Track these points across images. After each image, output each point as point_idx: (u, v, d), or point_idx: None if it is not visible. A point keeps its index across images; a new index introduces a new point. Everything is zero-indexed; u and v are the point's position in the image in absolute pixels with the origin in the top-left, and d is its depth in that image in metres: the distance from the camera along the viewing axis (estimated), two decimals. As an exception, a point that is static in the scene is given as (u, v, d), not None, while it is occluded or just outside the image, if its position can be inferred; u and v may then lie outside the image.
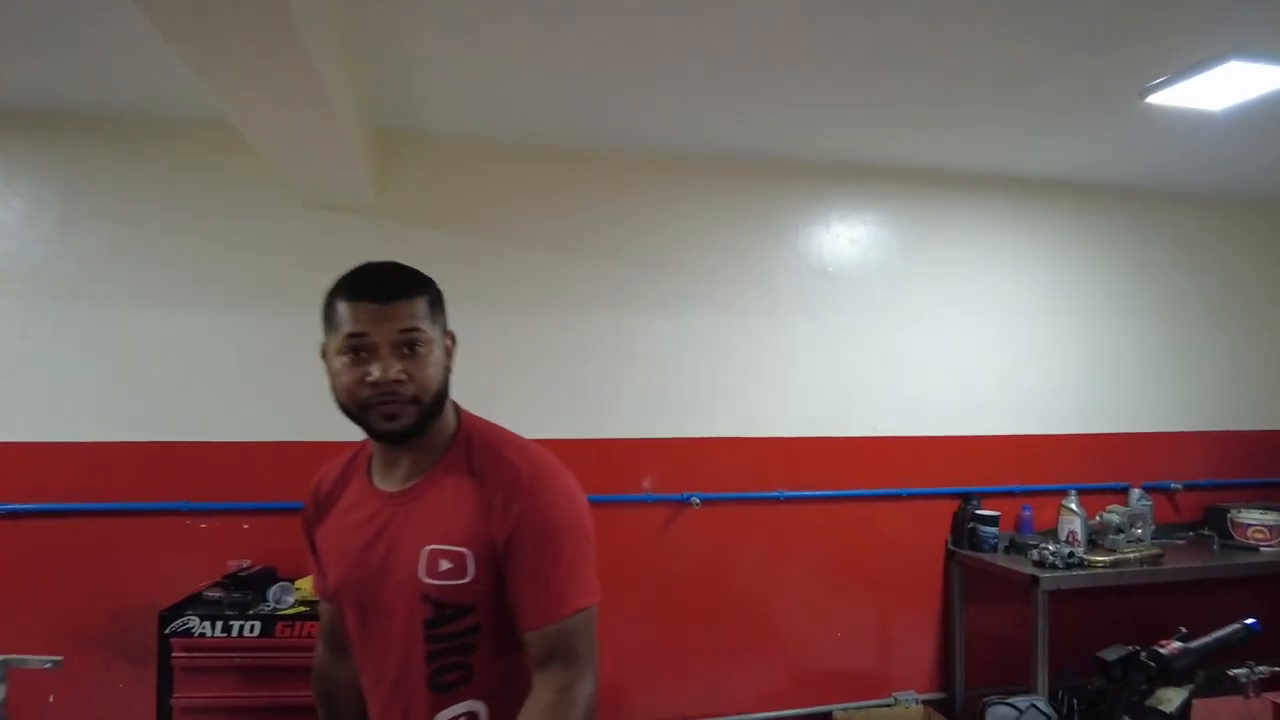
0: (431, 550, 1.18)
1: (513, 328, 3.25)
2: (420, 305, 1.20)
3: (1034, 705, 1.67)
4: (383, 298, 1.16)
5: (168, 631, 2.53)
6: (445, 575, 1.17)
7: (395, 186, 3.15)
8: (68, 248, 2.93)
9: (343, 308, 1.17)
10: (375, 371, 1.15)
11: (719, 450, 3.42)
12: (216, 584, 2.77)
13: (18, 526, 2.86)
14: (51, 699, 2.87)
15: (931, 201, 3.72)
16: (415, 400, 1.17)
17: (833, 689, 3.52)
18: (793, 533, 3.50)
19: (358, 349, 1.16)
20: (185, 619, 2.53)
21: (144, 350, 2.95)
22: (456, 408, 1.30)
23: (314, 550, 1.35)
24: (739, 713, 3.42)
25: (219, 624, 2.52)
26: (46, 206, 2.92)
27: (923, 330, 3.69)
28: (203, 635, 2.52)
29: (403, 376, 1.15)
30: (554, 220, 3.32)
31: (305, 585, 2.72)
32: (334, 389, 1.19)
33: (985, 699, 1.80)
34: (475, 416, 1.31)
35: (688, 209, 3.45)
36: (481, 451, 1.23)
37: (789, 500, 3.47)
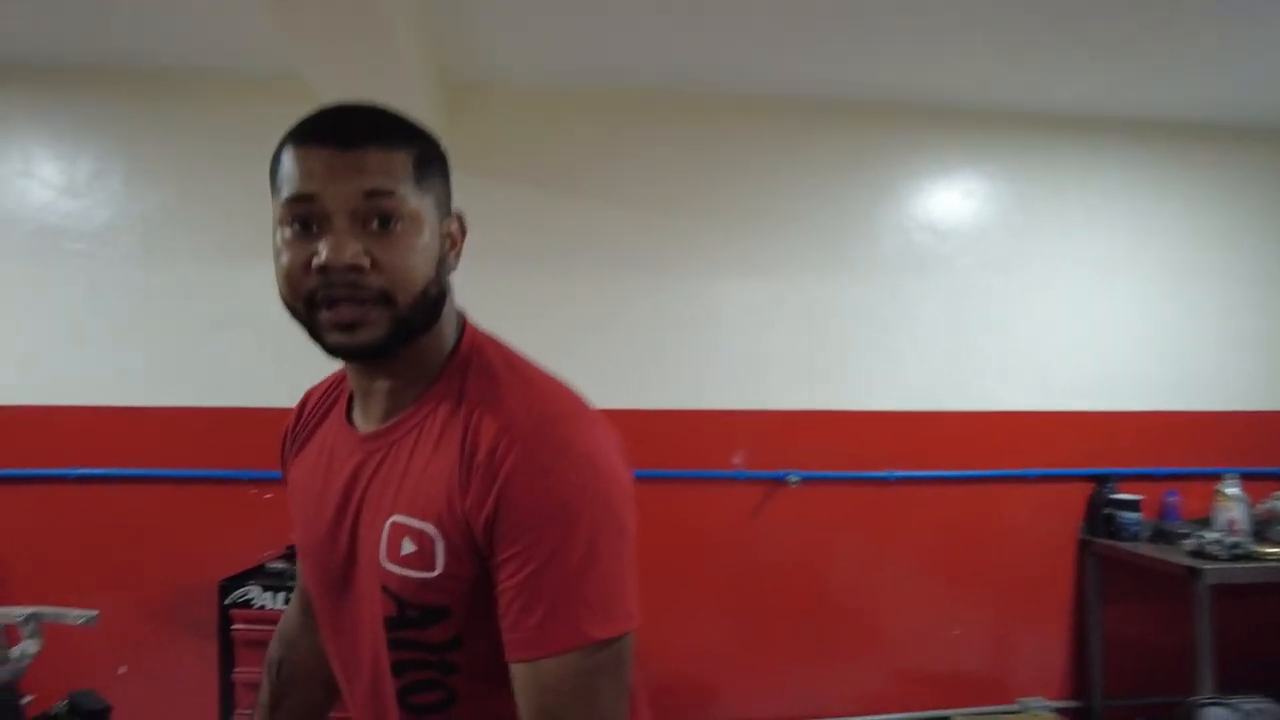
0: (394, 524, 0.82)
1: (592, 289, 3.00)
2: (400, 161, 0.79)
3: (1260, 709, 1.31)
4: (342, 142, 0.77)
5: (228, 602, 2.38)
6: (408, 562, 0.81)
7: (464, 138, 2.95)
8: (134, 206, 2.84)
9: (288, 159, 0.79)
10: (324, 251, 0.76)
11: (819, 424, 3.10)
12: (280, 556, 2.62)
13: (82, 492, 2.77)
14: (122, 670, 2.77)
15: (1058, 148, 3.30)
16: (386, 299, 0.78)
17: (947, 692, 3.15)
18: (903, 517, 3.15)
19: (305, 219, 0.78)
20: (246, 589, 2.38)
21: (210, 311, 2.84)
22: (463, 321, 0.91)
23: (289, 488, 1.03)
24: (840, 715, 3.09)
25: (281, 595, 2.36)
26: (113, 164, 2.84)
27: (1050, 293, 3.28)
28: (263, 607, 2.36)
29: (363, 262, 0.76)
30: (634, 173, 3.06)
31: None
32: (276, 277, 0.82)
33: (1192, 700, 1.45)
34: (486, 335, 0.91)
35: (779, 159, 3.14)
36: (478, 383, 0.84)
37: (899, 481, 3.12)
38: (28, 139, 2.84)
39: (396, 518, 0.82)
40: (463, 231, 0.90)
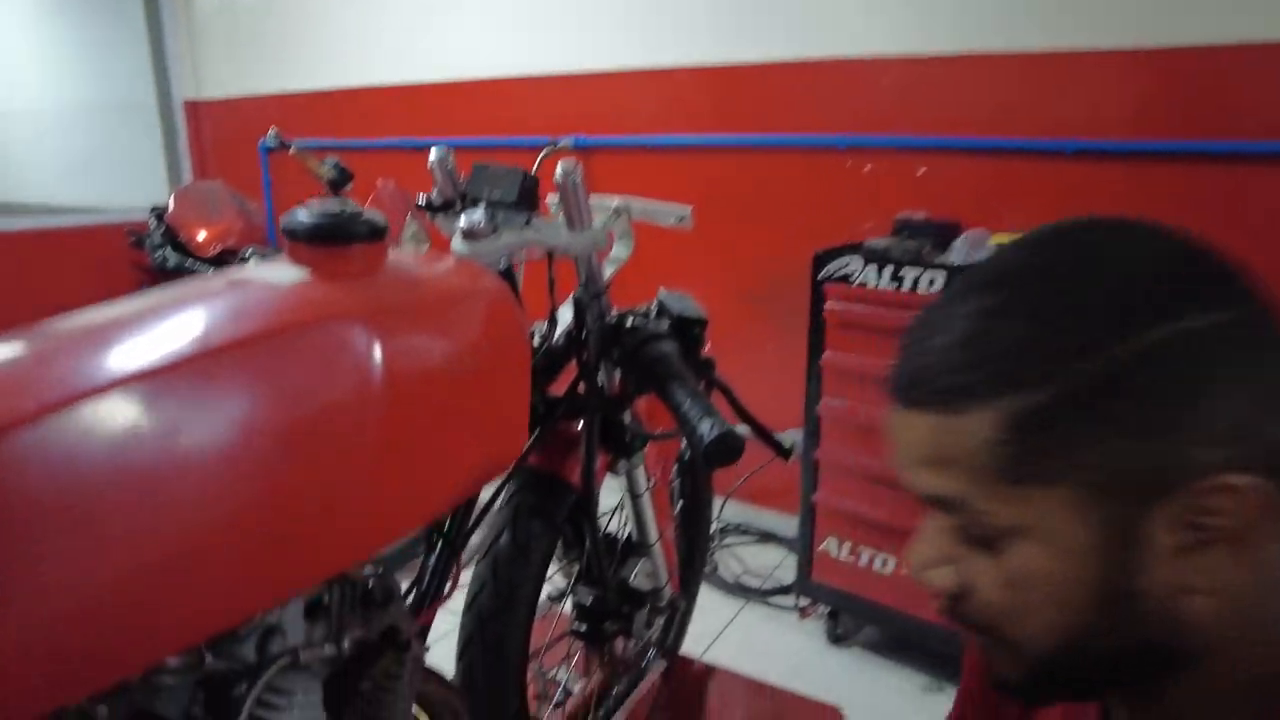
0: None
1: None
2: (972, 434, 0.43)
3: None
4: (900, 391, 0.47)
5: (822, 276, 2.01)
6: None
7: None
8: None
9: None
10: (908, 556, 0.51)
11: None
12: (890, 233, 2.14)
13: (656, 161, 2.64)
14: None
15: None
16: (999, 640, 0.48)
17: None
18: None
19: None
20: (844, 261, 1.96)
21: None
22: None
23: None
24: None
25: (886, 270, 1.89)
26: None
27: None
28: (863, 284, 1.93)
29: (946, 584, 0.48)
30: None
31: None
32: None
33: None
34: None
35: None
36: None
37: None
38: None
39: None
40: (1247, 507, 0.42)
